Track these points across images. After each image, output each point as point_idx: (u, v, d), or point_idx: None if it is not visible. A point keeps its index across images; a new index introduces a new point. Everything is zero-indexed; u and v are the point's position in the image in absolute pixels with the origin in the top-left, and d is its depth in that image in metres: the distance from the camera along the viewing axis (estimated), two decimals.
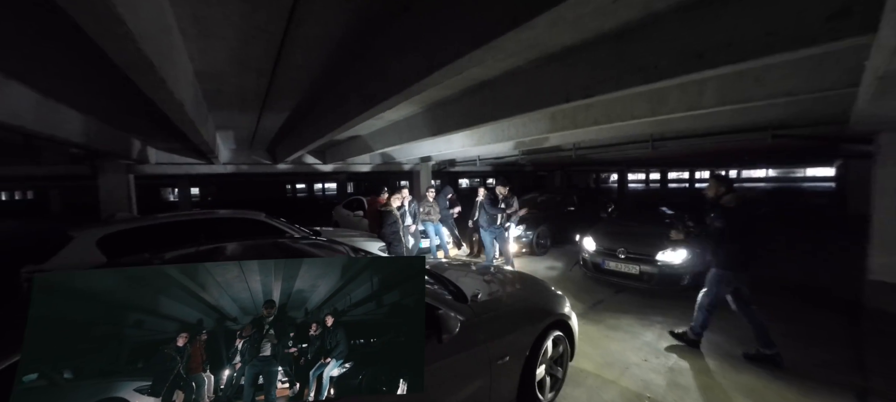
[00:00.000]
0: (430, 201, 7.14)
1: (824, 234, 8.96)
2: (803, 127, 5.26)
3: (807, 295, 4.85)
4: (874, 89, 2.09)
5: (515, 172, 17.70)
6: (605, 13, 2.41)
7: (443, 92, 4.46)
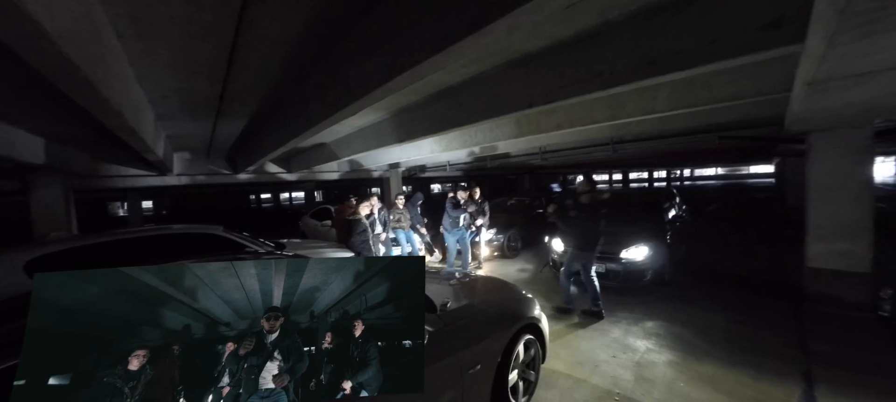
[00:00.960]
0: (401, 208, 7.04)
1: (767, 226, 9.73)
2: (746, 129, 5.69)
3: (755, 285, 5.22)
4: (804, 94, 2.28)
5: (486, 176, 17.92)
6: (563, 21, 2.47)
7: (409, 98, 4.41)
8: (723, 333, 3.82)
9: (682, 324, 4.09)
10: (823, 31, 1.31)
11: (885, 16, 1.11)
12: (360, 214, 5.29)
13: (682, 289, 5.16)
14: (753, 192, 20.89)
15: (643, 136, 6.39)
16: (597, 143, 7.32)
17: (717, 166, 34.83)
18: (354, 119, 5.54)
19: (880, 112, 3.53)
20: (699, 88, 3.51)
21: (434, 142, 7.06)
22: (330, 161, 7.96)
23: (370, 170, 11.45)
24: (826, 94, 2.25)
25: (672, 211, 6.66)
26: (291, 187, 31.42)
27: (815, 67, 1.72)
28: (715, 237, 8.67)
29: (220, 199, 27.77)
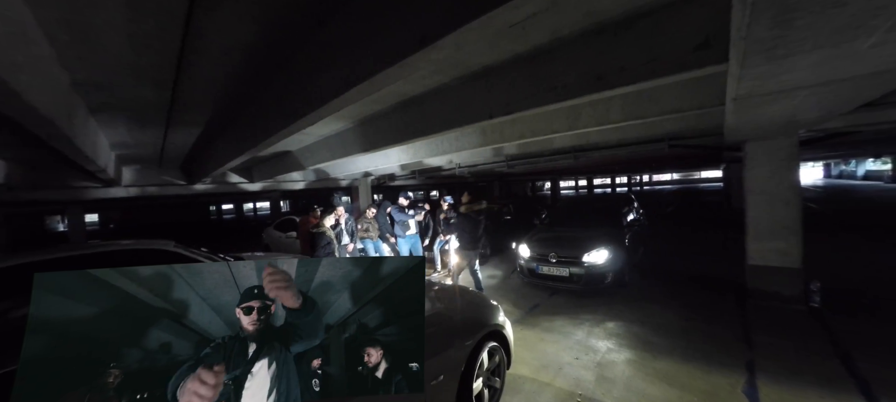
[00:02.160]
0: (369, 217, 6.95)
1: (716, 227, 10.47)
2: (692, 138, 6.13)
3: (705, 283, 5.59)
4: (733, 108, 2.51)
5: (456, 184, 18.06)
6: (517, 37, 2.57)
7: (373, 107, 4.40)
8: (677, 330, 4.05)
9: (641, 323, 4.29)
10: (737, 54, 1.46)
11: (782, 44, 1.26)
12: (325, 225, 5.16)
13: (641, 289, 5.44)
14: (704, 195, 22.45)
15: (601, 144, 6.72)
16: (559, 151, 7.60)
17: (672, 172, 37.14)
18: (319, 128, 5.43)
19: (802, 124, 3.93)
20: (647, 101, 3.75)
21: (401, 151, 7.05)
22: (295, 170, 7.73)
23: (338, 179, 11.21)
24: (750, 108, 2.49)
25: (630, 215, 7.03)
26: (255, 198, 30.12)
27: (737, 85, 1.91)
28: (670, 239, 9.21)
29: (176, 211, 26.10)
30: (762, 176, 4.58)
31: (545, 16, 2.27)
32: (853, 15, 1.07)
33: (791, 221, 4.45)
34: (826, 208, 13.36)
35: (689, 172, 39.47)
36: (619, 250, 5.45)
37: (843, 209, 12.82)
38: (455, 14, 1.45)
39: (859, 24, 1.13)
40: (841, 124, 4.34)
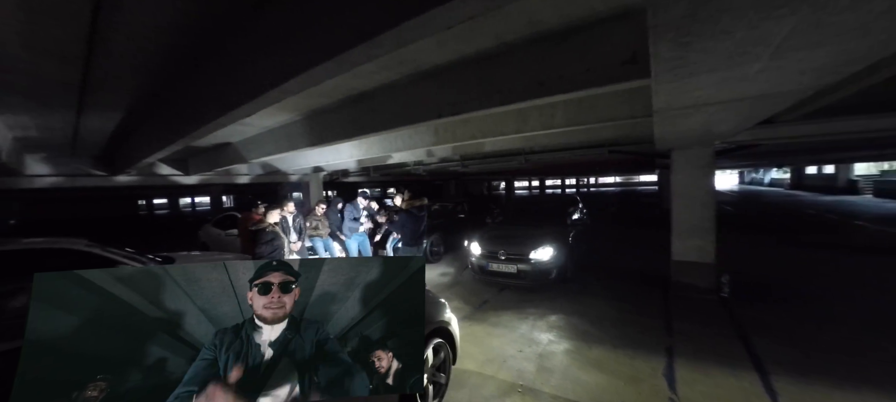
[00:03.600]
0: (319, 214, 6.68)
1: (650, 226, 11.47)
2: (629, 145, 6.67)
3: (638, 277, 6.10)
4: (657, 119, 2.77)
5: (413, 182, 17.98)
6: (463, 39, 2.62)
7: (321, 100, 4.23)
8: (611, 320, 4.39)
9: (580, 315, 4.59)
10: (654, 70, 1.62)
11: (685, 64, 1.42)
12: (267, 222, 4.87)
13: (582, 284, 5.81)
14: (642, 197, 24.49)
15: (549, 148, 7.06)
16: (511, 152, 7.87)
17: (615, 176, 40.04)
18: (261, 119, 5.12)
19: (717, 136, 4.44)
20: (587, 109, 4.01)
21: (353, 146, 6.87)
22: (237, 163, 7.21)
23: (287, 173, 10.65)
24: (670, 120, 2.78)
25: (575, 215, 7.48)
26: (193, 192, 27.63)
27: (656, 98, 2.11)
28: (611, 237, 9.93)
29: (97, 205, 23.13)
30: (684, 181, 5.11)
31: (488, 21, 2.34)
32: (738, 43, 1.23)
33: (707, 221, 5.00)
34: (739, 210, 15.22)
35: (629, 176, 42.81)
36: (563, 247, 5.77)
37: (752, 212, 14.69)
38: (393, 11, 1.45)
39: (745, 51, 1.31)
40: (747, 138, 4.97)
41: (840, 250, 7.47)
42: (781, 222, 11.70)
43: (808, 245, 7.99)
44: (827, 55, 1.44)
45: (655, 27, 1.08)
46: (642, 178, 41.22)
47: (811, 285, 5.32)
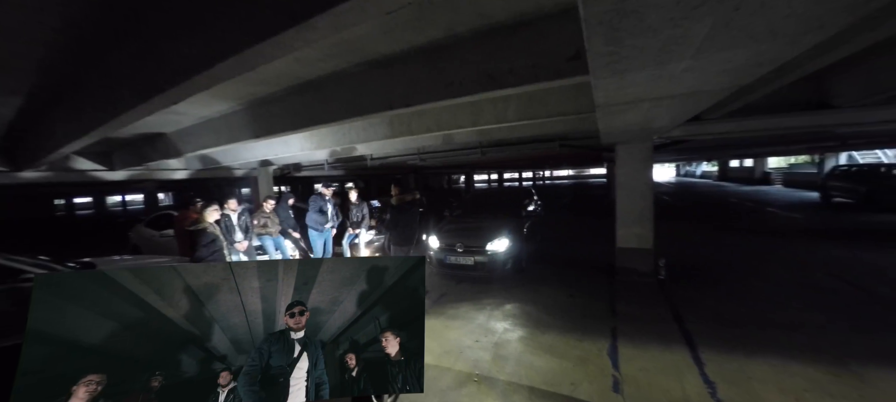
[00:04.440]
0: (268, 211, 6.29)
1: (600, 216, 12.20)
2: (579, 139, 6.99)
3: (587, 264, 6.45)
4: (599, 115, 2.91)
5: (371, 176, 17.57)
6: (413, 28, 2.56)
7: (264, 88, 3.94)
8: (562, 306, 4.60)
9: (533, 303, 4.76)
10: (591, 65, 1.68)
11: (619, 60, 1.49)
12: (206, 221, 4.49)
13: (536, 273, 6.03)
14: (593, 189, 26.00)
15: (504, 141, 7.21)
16: (468, 146, 7.93)
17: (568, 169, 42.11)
18: (195, 108, 4.68)
19: (654, 132, 4.78)
20: (538, 104, 4.13)
21: (304, 138, 6.52)
22: (172, 156, 6.54)
23: (231, 167, 9.89)
24: (611, 115, 2.94)
25: (530, 207, 7.74)
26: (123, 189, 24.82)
27: (597, 94, 2.21)
28: (564, 227, 10.42)
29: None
30: (627, 174, 5.47)
31: (438, 10, 2.29)
32: (664, 42, 1.31)
33: (646, 210, 5.40)
34: (675, 200, 16.68)
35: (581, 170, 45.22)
36: (518, 238, 5.94)
37: (686, 201, 16.16)
38: None
39: (671, 50, 1.40)
40: (679, 134, 5.42)
41: (756, 233, 8.46)
42: (710, 210, 13.00)
43: (731, 230, 8.95)
44: (742, 56, 1.58)
45: (587, 20, 1.11)
46: (593, 171, 43.70)
47: (733, 266, 5.96)
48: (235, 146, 6.06)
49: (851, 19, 1.25)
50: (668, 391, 2.83)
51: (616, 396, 2.82)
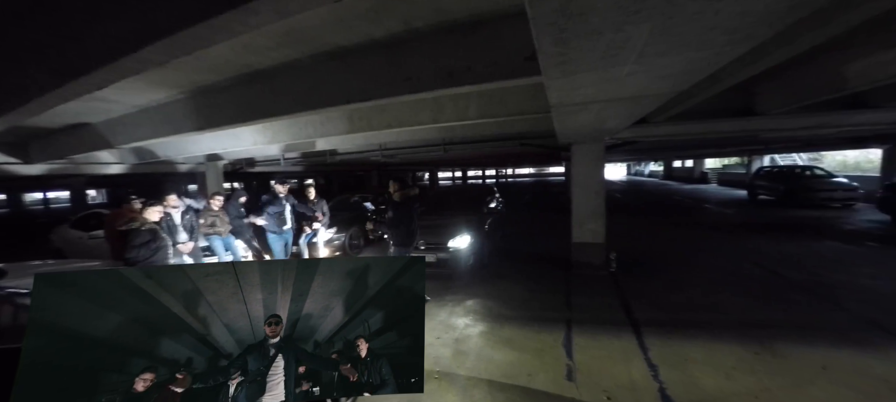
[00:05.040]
0: (216, 209, 5.85)
1: (559, 213, 12.71)
2: (538, 138, 7.22)
3: (545, 259, 6.68)
4: (554, 115, 3.02)
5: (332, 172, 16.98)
6: (370, 20, 2.48)
7: (208, 76, 3.65)
8: (521, 300, 4.72)
9: (494, 298, 4.85)
10: (543, 66, 1.73)
11: (567, 61, 1.55)
12: (145, 220, 4.09)
13: (497, 268, 6.15)
14: (553, 187, 27.05)
15: (466, 139, 7.27)
16: (430, 143, 7.91)
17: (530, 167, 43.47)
18: (129, 95, 4.23)
19: (606, 132, 5.04)
20: (498, 103, 4.20)
21: (256, 131, 6.14)
22: (101, 148, 5.88)
23: (174, 162, 9.10)
24: (565, 116, 3.05)
25: (492, 204, 7.88)
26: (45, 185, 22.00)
27: (550, 94, 2.28)
28: (525, 223, 10.73)
29: None
30: (581, 172, 5.73)
31: (394, 2, 2.24)
32: (608, 46, 1.38)
33: (599, 207, 5.70)
34: (626, 197, 17.80)
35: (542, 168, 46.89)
36: (480, 235, 6.03)
37: (635, 198, 17.30)
38: None
39: (615, 54, 1.48)
40: (628, 135, 5.78)
41: (695, 227, 9.24)
42: (655, 206, 14.01)
43: (673, 224, 9.71)
44: (678, 63, 1.70)
45: (534, 20, 1.14)
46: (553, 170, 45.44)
47: (675, 257, 6.46)
48: (177, 139, 5.58)
49: (770, 33, 1.38)
50: (616, 377, 3.00)
51: (569, 384, 2.95)
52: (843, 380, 2.78)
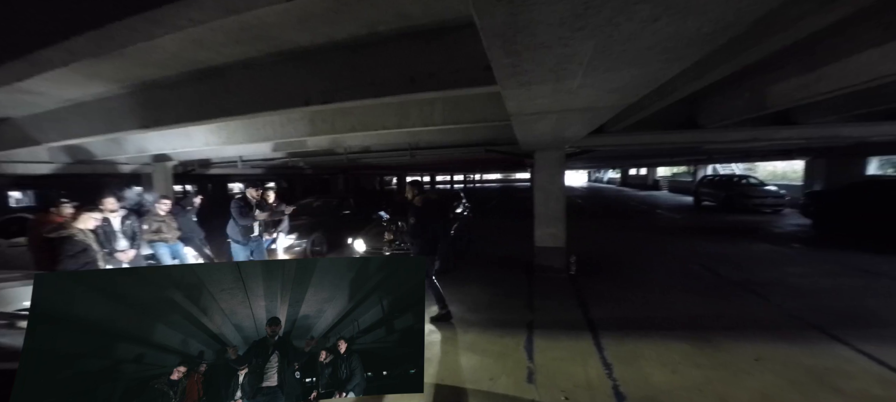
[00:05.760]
0: (162, 213, 5.42)
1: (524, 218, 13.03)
2: (503, 145, 7.39)
3: (510, 263, 6.82)
4: (514, 123, 3.11)
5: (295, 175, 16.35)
6: (332, 22, 2.44)
7: (154, 71, 3.39)
8: (485, 304, 4.77)
9: (459, 302, 4.86)
10: (497, 76, 1.78)
11: (520, 73, 1.61)
12: (75, 227, 3.71)
13: (463, 273, 6.18)
14: (518, 193, 27.76)
15: (433, 144, 7.30)
16: (397, 148, 7.86)
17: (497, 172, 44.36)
18: (61, 88, 3.84)
19: (566, 141, 5.26)
20: (463, 109, 4.25)
21: (209, 131, 5.79)
22: (25, 145, 5.28)
23: (115, 162, 8.34)
24: (525, 124, 3.16)
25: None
26: None
27: (508, 103, 2.35)
28: (490, 228, 10.90)
29: None
30: (543, 179, 5.93)
31: (357, 6, 2.22)
32: (558, 58, 1.45)
33: (560, 212, 5.92)
34: (586, 203, 18.65)
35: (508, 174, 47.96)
36: (446, 239, 6.04)
37: (594, 204, 18.17)
38: None
39: (564, 67, 1.56)
40: (587, 143, 6.07)
41: (648, 231, 9.85)
42: (613, 211, 14.78)
43: (628, 228, 10.29)
44: (623, 78, 1.82)
45: (484, 31, 1.17)
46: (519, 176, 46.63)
47: (629, 259, 6.84)
48: (117, 137, 5.13)
49: (699, 55, 1.52)
50: (573, 376, 3.10)
51: (530, 386, 3.01)
52: (774, 370, 3.05)
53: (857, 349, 3.34)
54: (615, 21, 1.08)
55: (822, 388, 2.79)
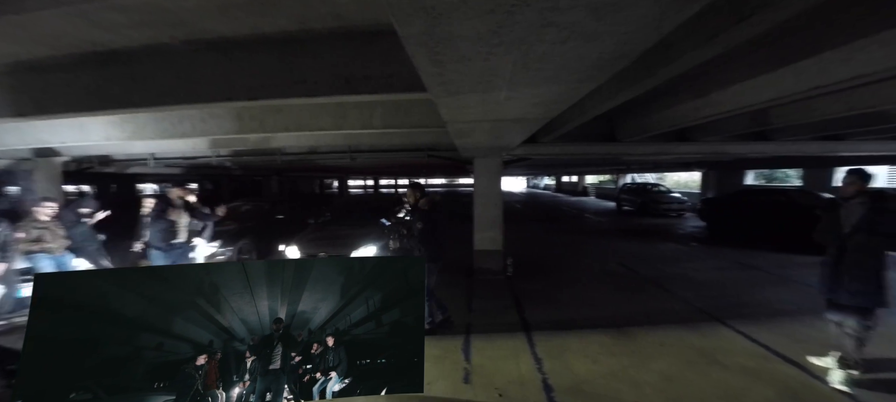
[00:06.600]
0: (45, 219, 4.56)
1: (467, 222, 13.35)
2: (445, 150, 7.53)
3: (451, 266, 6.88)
4: (450, 130, 3.20)
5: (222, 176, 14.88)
6: (261, 14, 2.29)
7: (35, 49, 2.86)
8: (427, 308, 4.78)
9: None
10: (426, 83, 1.83)
11: (448, 82, 1.69)
12: None
13: None
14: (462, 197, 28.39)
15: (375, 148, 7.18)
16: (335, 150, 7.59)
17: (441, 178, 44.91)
18: None
19: (503, 148, 5.53)
20: (403, 113, 4.26)
21: (111, 124, 5.04)
22: None
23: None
24: (460, 132, 3.27)
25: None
26: None
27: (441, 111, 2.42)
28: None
29: None
30: (482, 184, 6.16)
31: None
32: (482, 71, 1.54)
33: (498, 217, 6.18)
34: (524, 208, 19.74)
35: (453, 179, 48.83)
36: (387, 245, 5.95)
37: (532, 209, 19.30)
38: None
39: (489, 80, 1.66)
40: (522, 152, 6.45)
41: (577, 233, 10.72)
42: (546, 216, 15.85)
43: (560, 231, 11.10)
44: (545, 93, 1.98)
45: (405, 39, 1.21)
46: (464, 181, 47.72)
47: (559, 259, 7.37)
48: None
49: (606, 76, 1.72)
50: (507, 374, 3.25)
51: (466, 386, 3.09)
52: (674, 354, 3.50)
53: (737, 330, 3.98)
54: (528, 41, 1.18)
55: (712, 365, 3.28)
